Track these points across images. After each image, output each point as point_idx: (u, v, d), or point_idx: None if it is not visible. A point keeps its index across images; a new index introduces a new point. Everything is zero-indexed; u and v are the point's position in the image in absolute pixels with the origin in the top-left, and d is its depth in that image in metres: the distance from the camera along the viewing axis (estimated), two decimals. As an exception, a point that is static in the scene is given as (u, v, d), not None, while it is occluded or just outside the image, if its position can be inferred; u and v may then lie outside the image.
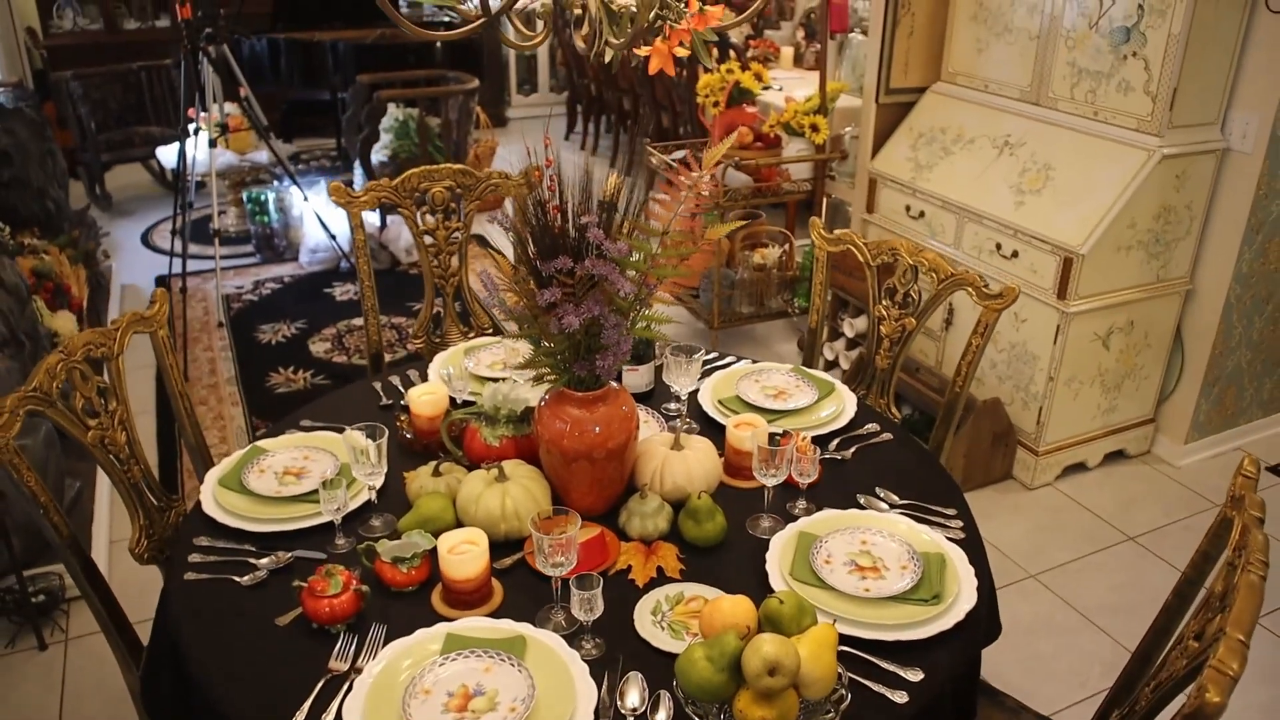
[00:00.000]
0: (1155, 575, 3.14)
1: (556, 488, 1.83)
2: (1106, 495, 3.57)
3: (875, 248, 2.52)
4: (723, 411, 2.21)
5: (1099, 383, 3.54)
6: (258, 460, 2.01)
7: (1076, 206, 3.29)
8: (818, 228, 2.65)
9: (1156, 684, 1.45)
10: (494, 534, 1.73)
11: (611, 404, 1.78)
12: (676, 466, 1.86)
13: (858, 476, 2.02)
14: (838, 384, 2.34)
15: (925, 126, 4.00)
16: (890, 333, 2.50)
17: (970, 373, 2.33)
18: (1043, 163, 3.48)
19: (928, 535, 1.79)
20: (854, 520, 1.83)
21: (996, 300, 2.26)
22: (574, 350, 1.69)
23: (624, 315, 1.65)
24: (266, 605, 1.64)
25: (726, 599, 1.40)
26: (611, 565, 1.72)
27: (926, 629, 1.57)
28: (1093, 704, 2.64)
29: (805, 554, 1.72)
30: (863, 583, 1.67)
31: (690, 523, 1.77)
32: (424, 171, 2.75)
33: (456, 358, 2.39)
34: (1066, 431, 3.57)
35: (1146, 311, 3.49)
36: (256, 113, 5.32)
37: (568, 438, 1.76)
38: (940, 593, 1.64)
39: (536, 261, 1.61)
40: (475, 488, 1.77)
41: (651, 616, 1.59)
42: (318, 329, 4.72)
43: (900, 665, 1.52)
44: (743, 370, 2.40)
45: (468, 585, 1.59)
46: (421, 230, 2.75)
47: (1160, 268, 3.43)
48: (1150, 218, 3.30)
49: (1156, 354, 3.63)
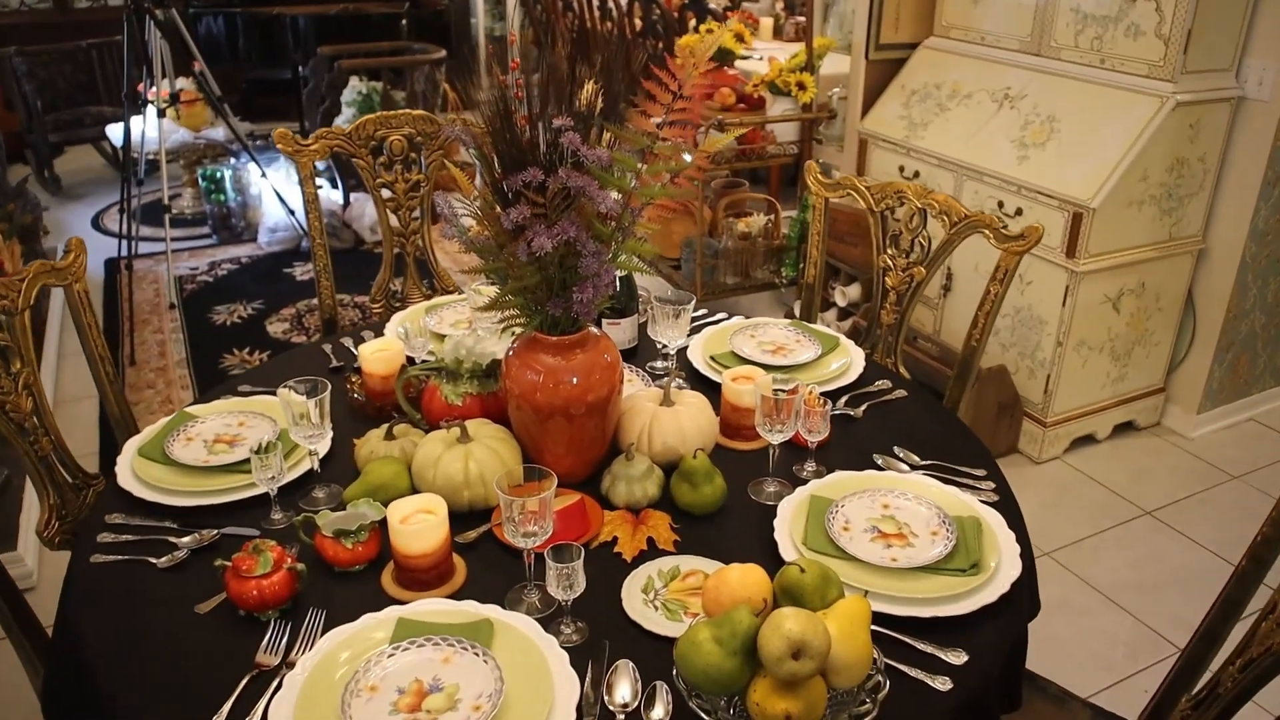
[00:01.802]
0: (1175, 550, 2.93)
1: (528, 450, 1.59)
2: (1118, 468, 3.35)
3: (879, 191, 2.28)
4: (715, 368, 1.97)
5: (1109, 349, 3.32)
6: (185, 427, 1.75)
7: (1085, 159, 3.07)
8: (814, 171, 2.41)
9: (1246, 661, 1.22)
10: (455, 503, 1.48)
11: (591, 351, 1.54)
12: (667, 424, 1.62)
13: (872, 435, 1.78)
14: (842, 338, 2.11)
15: (918, 83, 3.77)
16: (897, 284, 2.26)
17: (989, 323, 2.09)
18: (1046, 115, 3.26)
19: (959, 497, 1.55)
20: (873, 482, 1.59)
21: (1018, 242, 2.03)
22: (547, 285, 1.44)
23: (604, 244, 1.40)
24: (186, 590, 1.38)
25: (735, 569, 1.16)
26: (594, 537, 1.47)
27: (967, 603, 1.34)
28: (1124, 689, 2.42)
29: (820, 520, 1.48)
30: (888, 551, 1.43)
31: (685, 487, 1.52)
32: (380, 118, 2.49)
33: (416, 316, 2.13)
34: (1075, 401, 3.35)
35: (1158, 272, 3.28)
36: (211, 85, 5.03)
37: (541, 391, 1.51)
38: (979, 561, 1.40)
39: (502, 181, 1.36)
40: (433, 450, 1.52)
41: (642, 595, 1.34)
42: (276, 309, 4.44)
43: (938, 646, 1.28)
44: (736, 325, 2.15)
45: (423, 561, 1.34)
46: (378, 183, 2.49)
47: (1173, 225, 3.22)
48: (1163, 170, 3.08)
49: (1168, 318, 3.42)
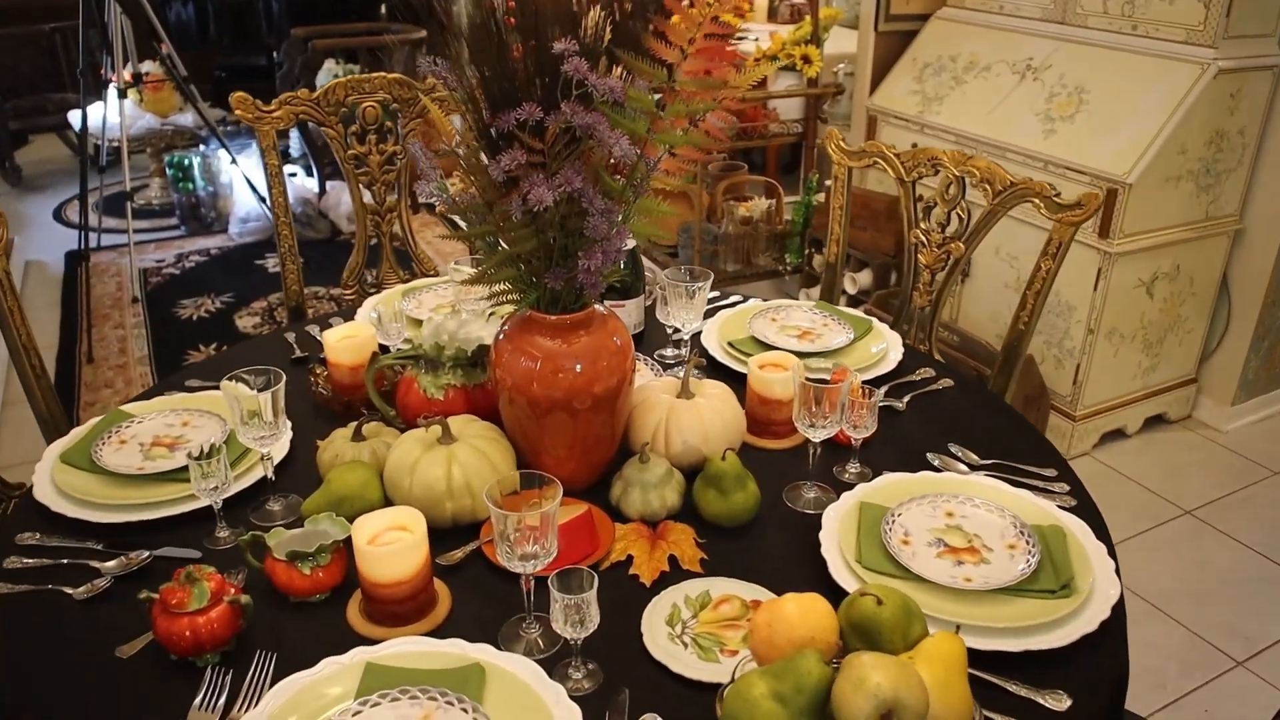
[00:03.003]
0: (1222, 553, 2.70)
1: (523, 451, 1.34)
2: (1150, 465, 3.12)
3: (910, 159, 2.04)
4: (735, 355, 1.72)
5: (1140, 337, 3.09)
6: (118, 429, 1.49)
7: (1118, 132, 2.84)
8: (836, 139, 2.16)
9: None
10: (437, 517, 1.23)
11: (598, 332, 1.29)
12: (686, 419, 1.37)
13: (919, 431, 1.54)
14: (875, 322, 1.87)
15: (931, 56, 3.54)
16: (931, 262, 2.02)
17: (1039, 304, 1.86)
18: (1074, 86, 3.03)
19: (1035, 502, 1.31)
20: (931, 485, 1.35)
21: (1073, 212, 1.79)
22: (545, 252, 1.19)
23: (615, 201, 1.15)
24: (107, 628, 1.13)
25: (791, 600, 0.92)
26: (604, 557, 1.22)
27: (1062, 632, 1.10)
28: (1181, 710, 2.19)
29: (874, 532, 1.24)
30: (960, 569, 1.19)
31: (712, 494, 1.28)
32: (352, 81, 2.24)
33: (391, 300, 1.87)
34: (1106, 393, 3.12)
35: (1193, 254, 3.05)
36: (178, 66, 4.75)
37: (538, 381, 1.26)
38: (1071, 581, 1.16)
39: (490, 123, 1.11)
40: (410, 452, 1.26)
41: (668, 628, 1.10)
42: (246, 302, 4.17)
43: (1033, 688, 1.04)
44: (754, 308, 1.91)
45: (397, 590, 1.09)
46: (349, 155, 2.24)
47: (1210, 203, 2.99)
48: (1202, 144, 2.85)
49: (1201, 304, 3.19)
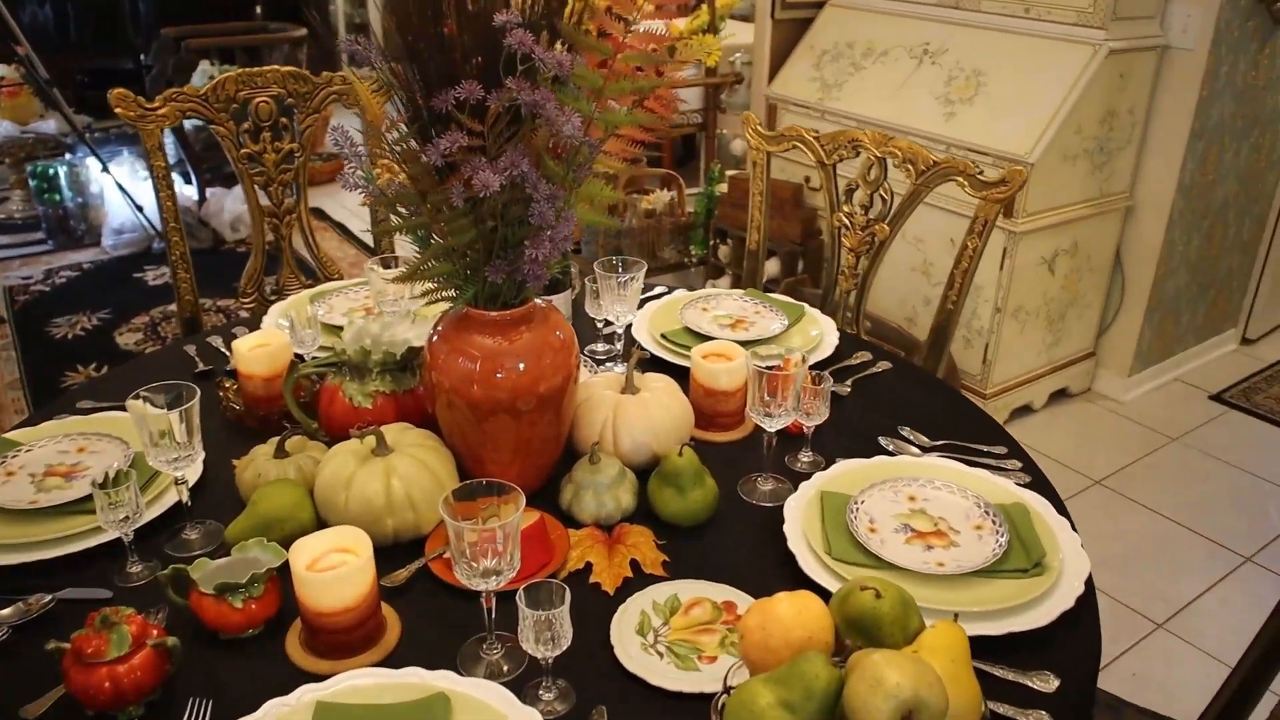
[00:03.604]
0: (1134, 521, 2.78)
1: (464, 458, 1.25)
2: (1059, 439, 3.20)
3: (830, 141, 2.02)
4: (671, 348, 1.67)
5: (1044, 313, 3.16)
6: (3, 459, 1.34)
7: (1017, 113, 2.88)
8: (753, 123, 2.13)
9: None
10: (377, 534, 1.14)
11: (539, 328, 1.21)
12: (635, 416, 1.31)
13: (867, 415, 1.51)
14: (807, 307, 1.83)
15: (828, 43, 3.55)
16: (856, 246, 2.00)
17: (967, 283, 1.85)
18: (971, 69, 3.07)
19: (994, 481, 1.29)
20: (889, 470, 1.31)
21: (998, 189, 1.79)
22: (485, 244, 1.10)
23: (559, 185, 1.08)
24: (6, 685, 1.00)
25: (783, 600, 0.86)
26: (561, 566, 1.15)
27: (1041, 611, 1.07)
28: (1113, 674, 2.22)
29: (839, 522, 1.19)
30: (930, 554, 1.16)
31: (669, 492, 1.22)
32: (243, 75, 2.09)
33: (299, 305, 1.75)
34: (1014, 370, 3.18)
35: (1089, 231, 3.13)
36: (38, 69, 4.44)
37: (478, 382, 1.18)
38: (1043, 558, 1.14)
39: (424, 103, 1.02)
40: (342, 466, 1.17)
41: (639, 638, 1.03)
42: (126, 318, 3.93)
43: (1018, 670, 1.01)
44: (683, 298, 1.86)
45: (344, 619, 0.99)
46: (242, 154, 2.10)
47: (1104, 180, 3.07)
48: (1095, 122, 2.93)
49: (1098, 279, 3.28)
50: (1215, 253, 3.46)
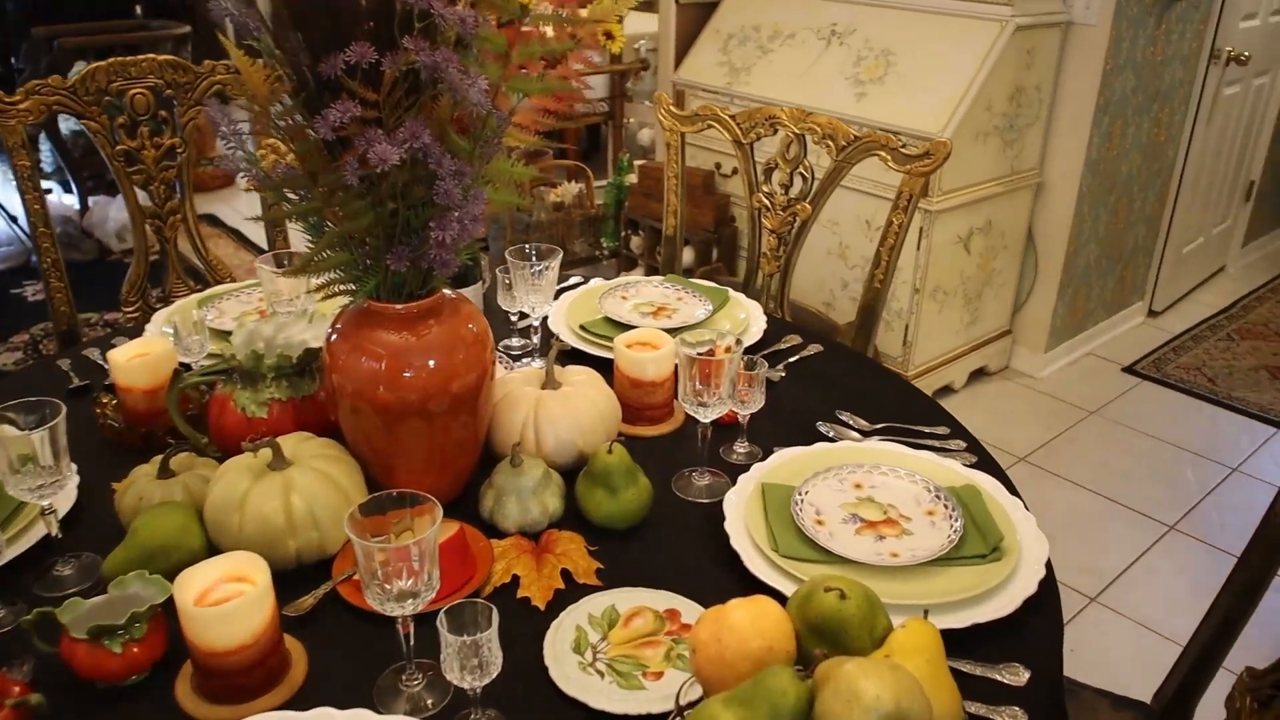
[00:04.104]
0: (1059, 495, 2.78)
1: (372, 468, 1.14)
2: (981, 417, 3.19)
3: (747, 119, 1.95)
4: (590, 340, 1.57)
5: (961, 293, 3.15)
6: None
7: (928, 92, 2.86)
8: (666, 104, 2.04)
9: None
10: (278, 558, 1.02)
11: (449, 320, 1.10)
12: (557, 412, 1.21)
13: (802, 400, 1.44)
14: (731, 291, 1.76)
15: (734, 26, 3.49)
16: (777, 226, 1.93)
17: (893, 260, 1.80)
18: (880, 49, 3.04)
19: (941, 463, 1.23)
20: (833, 457, 1.24)
21: (922, 162, 1.74)
22: (385, 228, 0.99)
23: (467, 160, 0.97)
24: None
25: (738, 607, 0.77)
26: (485, 582, 1.04)
27: (1005, 599, 1.01)
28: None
29: (784, 515, 1.11)
30: (882, 545, 1.08)
31: (599, 493, 1.12)
32: (115, 65, 1.93)
33: (186, 310, 1.60)
34: (933, 351, 3.16)
35: (1002, 208, 3.13)
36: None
37: (384, 383, 1.06)
38: (1000, 542, 1.08)
39: (310, 70, 0.90)
40: (235, 485, 1.04)
41: (576, 657, 0.93)
42: (3, 338, 3.67)
43: (987, 664, 0.94)
44: (601, 287, 1.76)
45: (240, 658, 0.87)
46: (118, 151, 1.93)
47: (1014, 158, 3.07)
48: (1005, 99, 2.92)
49: (1011, 257, 3.29)
50: (1121, 227, 3.51)
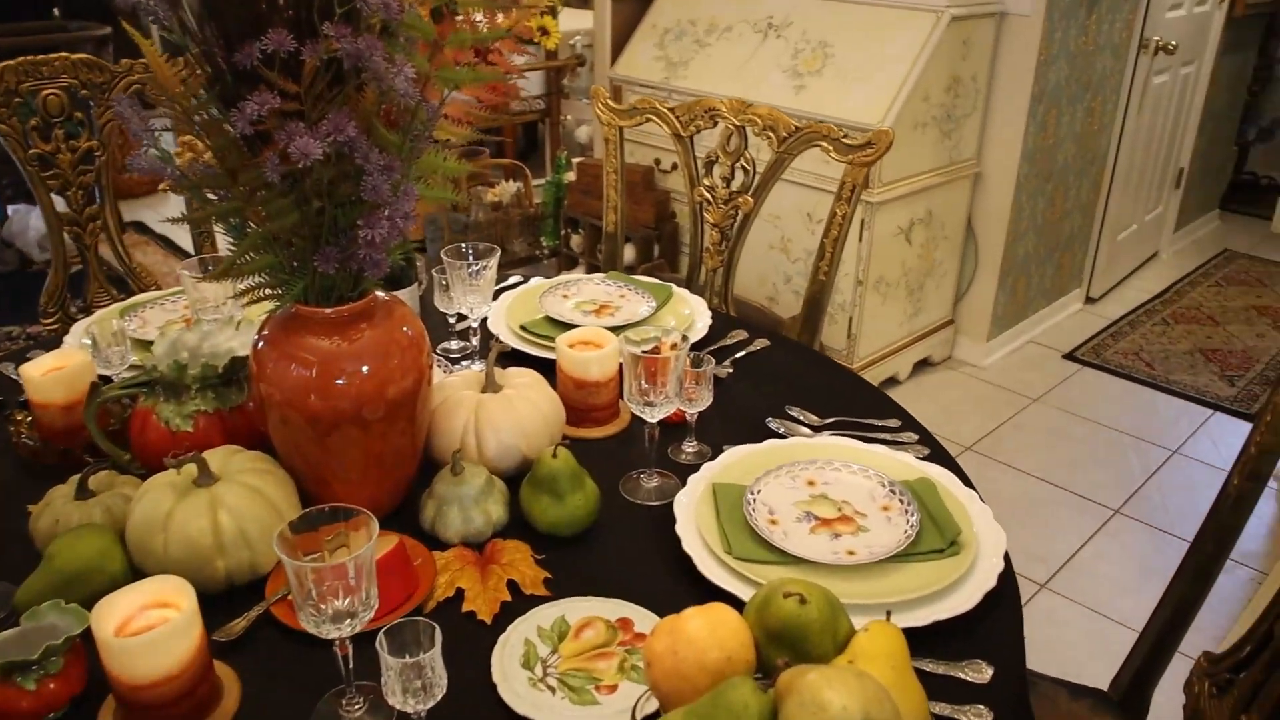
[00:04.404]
0: (1005, 483, 2.79)
1: (305, 481, 1.08)
2: (926, 408, 3.20)
3: (686, 112, 1.92)
4: (531, 340, 1.53)
5: (904, 284, 3.15)
6: None
7: (865, 83, 2.86)
8: (603, 97, 2.01)
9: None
10: (206, 580, 0.96)
11: (383, 323, 1.05)
12: (499, 416, 1.17)
13: (751, 396, 1.41)
14: (675, 287, 1.72)
15: (670, 21, 3.46)
16: (719, 220, 1.90)
17: (838, 251, 1.78)
18: (817, 41, 3.03)
19: (895, 457, 1.21)
20: (784, 454, 1.21)
21: (865, 152, 1.72)
22: (311, 229, 0.94)
23: (396, 154, 0.92)
24: None
25: (693, 617, 0.74)
26: (427, 596, 1.00)
27: (965, 594, 0.99)
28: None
29: (736, 516, 1.08)
30: (838, 543, 1.06)
31: (545, 499, 1.08)
32: (25, 64, 1.84)
33: (107, 320, 1.53)
34: (878, 343, 3.16)
35: (941, 199, 3.14)
36: None
37: (316, 391, 1.01)
38: (958, 536, 1.06)
39: (223, 57, 0.85)
40: (158, 504, 0.98)
41: (526, 673, 0.89)
42: (-81, 354, 3.51)
43: (949, 662, 0.92)
44: (541, 286, 1.72)
45: (167, 690, 0.81)
46: (31, 155, 1.84)
47: (952, 148, 3.09)
48: (942, 90, 2.93)
49: (952, 247, 3.31)
50: (1058, 215, 3.55)
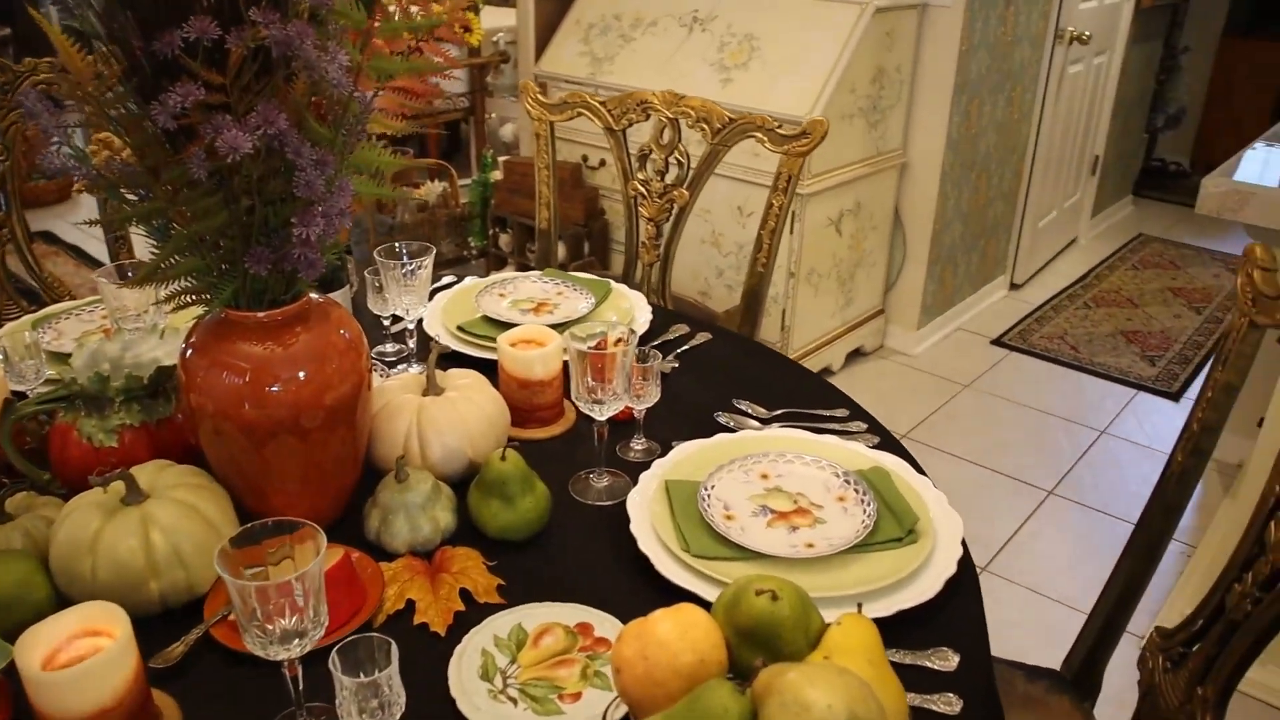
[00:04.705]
0: (942, 469, 2.83)
1: (241, 494, 1.03)
2: (861, 397, 3.14)
3: (618, 105, 1.89)
4: (469, 341, 1.49)
5: (835, 275, 3.17)
6: None
7: (792, 75, 2.86)
8: (532, 92, 1.97)
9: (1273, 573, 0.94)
10: (139, 603, 0.91)
11: (319, 326, 1.01)
12: (443, 420, 1.13)
13: (696, 391, 1.39)
14: (613, 283, 1.70)
15: (595, 16, 3.43)
16: (655, 214, 1.88)
17: (775, 243, 1.78)
18: (743, 34, 3.03)
19: (846, 447, 1.20)
20: (735, 448, 1.19)
21: (800, 142, 1.72)
22: (241, 229, 0.89)
23: (328, 148, 0.88)
24: None
25: (662, 620, 0.71)
26: (377, 610, 0.95)
27: (927, 582, 0.98)
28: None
29: (691, 513, 1.06)
30: (796, 536, 1.04)
31: (494, 503, 1.04)
32: (-87, 67, 1.74)
33: (17, 333, 1.44)
34: (811, 334, 3.18)
35: (869, 189, 3.17)
36: None
37: (250, 400, 0.96)
38: (916, 524, 1.05)
39: (140, 48, 0.80)
40: (84, 525, 0.92)
41: (485, 685, 0.85)
42: None
43: (915, 651, 0.91)
44: (477, 285, 1.68)
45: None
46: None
47: (879, 139, 3.12)
48: (868, 81, 2.95)
49: (881, 237, 3.34)
50: (982, 203, 3.60)
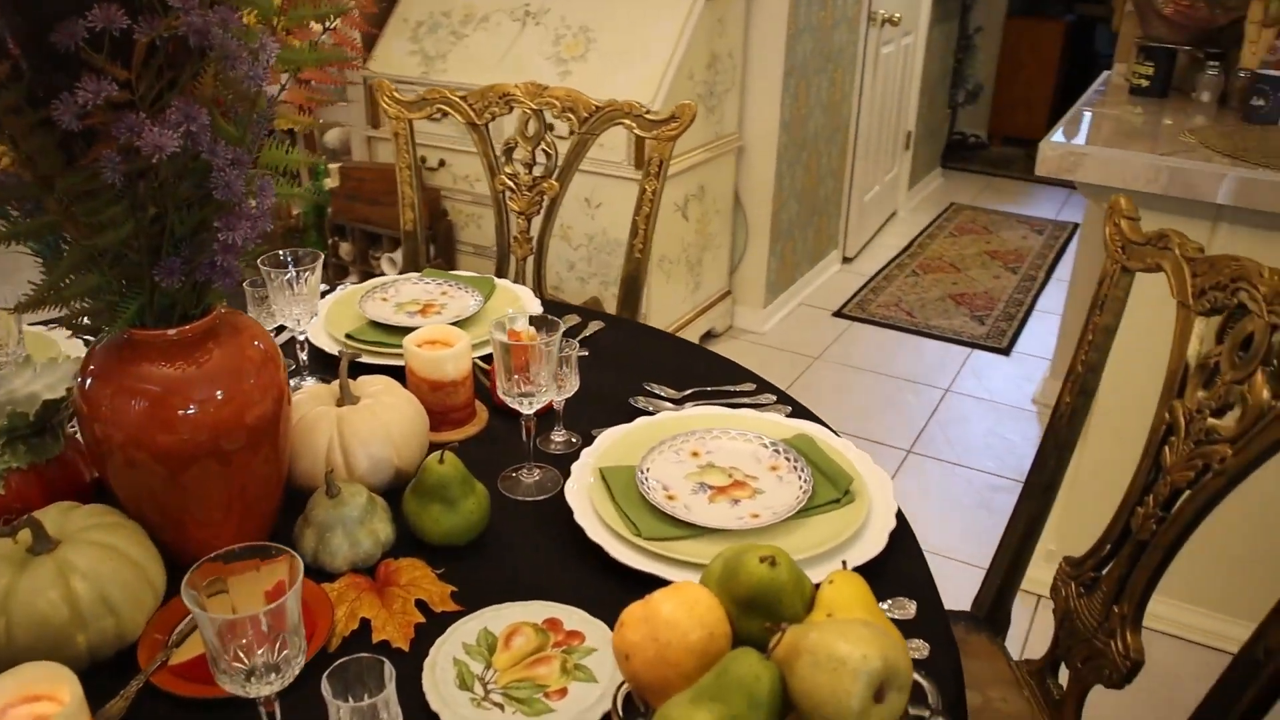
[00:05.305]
0: (806, 440, 2.92)
1: (158, 528, 0.95)
2: (719, 377, 3.29)
3: (480, 99, 1.85)
4: (362, 349, 1.43)
5: (684, 259, 3.22)
6: None
7: (631, 66, 2.88)
8: (388, 90, 1.90)
9: (1171, 494, 1.02)
10: (65, 660, 0.82)
11: (231, 340, 0.94)
12: (365, 428, 1.08)
13: (603, 378, 1.38)
14: (495, 279, 1.67)
15: (423, 14, 3.35)
16: (525, 208, 1.86)
17: (650, 228, 1.79)
18: (578, 26, 3.03)
19: (764, 418, 1.22)
20: (660, 430, 1.19)
21: (669, 126, 1.73)
22: (148, 237, 0.82)
23: (241, 146, 0.82)
24: None
25: (665, 600, 0.70)
26: (328, 637, 0.90)
27: (873, 538, 1.01)
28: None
29: (632, 497, 1.05)
30: (739, 508, 1.05)
31: (435, 509, 1.01)
32: None
33: None
34: (666, 319, 3.21)
35: (711, 174, 3.23)
36: None
37: (164, 426, 0.89)
38: (851, 484, 1.08)
39: (22, 48, 0.72)
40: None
41: (466, 694, 0.82)
42: None
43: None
44: (357, 291, 1.61)
45: (55, 789, 0.69)
46: None
47: (717, 123, 3.18)
48: (704, 67, 3.01)
49: (724, 220, 3.41)
50: (814, 182, 3.74)
